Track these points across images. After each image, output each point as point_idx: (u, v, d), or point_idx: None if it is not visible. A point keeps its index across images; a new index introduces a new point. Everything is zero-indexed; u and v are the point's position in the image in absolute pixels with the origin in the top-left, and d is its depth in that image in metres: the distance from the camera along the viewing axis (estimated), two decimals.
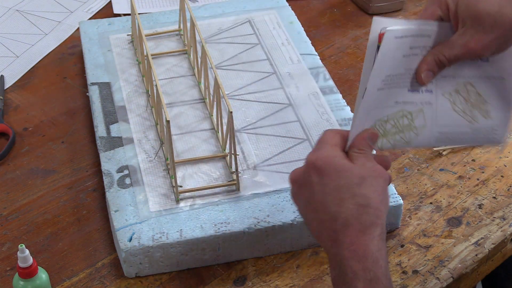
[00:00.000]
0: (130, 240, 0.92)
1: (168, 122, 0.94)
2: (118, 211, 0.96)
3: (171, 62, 1.20)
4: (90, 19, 1.40)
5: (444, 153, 1.10)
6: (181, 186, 0.98)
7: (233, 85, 1.15)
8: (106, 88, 1.15)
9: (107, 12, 1.42)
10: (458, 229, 0.99)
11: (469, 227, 0.99)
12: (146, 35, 1.21)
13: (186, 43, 1.23)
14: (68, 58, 1.31)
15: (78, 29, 1.35)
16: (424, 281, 0.92)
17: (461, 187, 1.05)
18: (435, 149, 1.10)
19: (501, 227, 0.99)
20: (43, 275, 0.87)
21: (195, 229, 0.93)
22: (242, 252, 0.95)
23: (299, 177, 0.81)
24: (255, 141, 1.06)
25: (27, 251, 0.84)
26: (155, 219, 0.94)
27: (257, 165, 1.02)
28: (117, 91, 1.14)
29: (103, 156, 1.03)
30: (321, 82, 1.16)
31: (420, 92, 0.85)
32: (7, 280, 0.93)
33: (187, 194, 0.98)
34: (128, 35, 1.26)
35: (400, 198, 0.97)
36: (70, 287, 0.93)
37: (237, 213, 0.95)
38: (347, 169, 0.78)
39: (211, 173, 1.01)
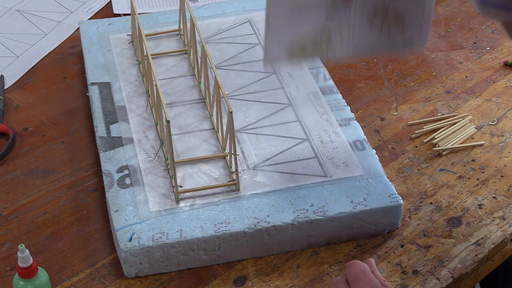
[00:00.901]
0: (130, 240, 0.92)
1: (168, 122, 0.94)
2: (118, 211, 0.96)
3: (171, 62, 1.20)
4: (90, 19, 1.40)
5: (444, 153, 1.10)
6: (181, 186, 0.98)
7: (233, 85, 1.15)
8: (106, 88, 1.15)
9: (107, 12, 1.42)
10: (458, 229, 0.99)
11: (469, 227, 0.99)
12: (146, 35, 1.21)
13: (186, 43, 1.23)
14: (68, 58, 1.31)
15: (78, 29, 1.35)
16: (424, 281, 0.92)
17: (461, 187, 1.05)
18: (435, 149, 1.10)
19: (501, 227, 0.99)
20: (43, 275, 0.87)
21: (195, 229, 0.93)
22: (242, 252, 0.95)
23: None
24: (255, 141, 1.06)
25: (27, 251, 0.84)
26: (155, 219, 0.94)
27: (257, 165, 1.02)
28: (117, 91, 1.14)
29: (103, 156, 1.04)
30: (321, 82, 1.16)
31: (339, 14, 0.95)
32: (7, 280, 0.93)
33: (187, 194, 0.98)
34: (128, 35, 1.26)
35: (400, 198, 0.97)
36: (70, 287, 0.93)
37: (237, 213, 0.95)
38: None
39: (211, 173, 1.01)
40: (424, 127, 1.14)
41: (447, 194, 1.04)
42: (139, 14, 1.21)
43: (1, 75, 1.27)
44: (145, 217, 0.95)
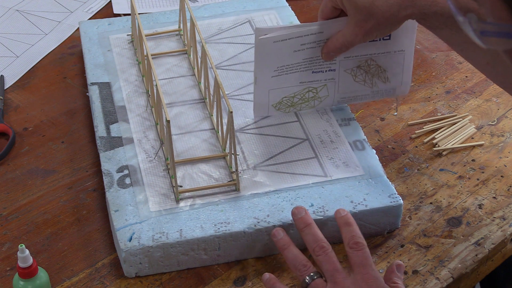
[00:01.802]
0: (130, 240, 0.92)
1: (168, 122, 0.94)
2: (118, 211, 0.96)
3: (171, 62, 1.20)
4: (90, 19, 1.40)
5: (444, 153, 1.10)
6: (181, 186, 0.98)
7: (233, 85, 1.15)
8: (106, 88, 1.15)
9: (107, 12, 1.42)
10: (458, 229, 0.99)
11: (469, 227, 0.99)
12: (146, 35, 1.21)
13: (186, 43, 1.23)
14: (68, 58, 1.31)
15: (78, 29, 1.35)
16: (424, 281, 0.92)
17: (461, 187, 1.05)
18: (435, 149, 1.10)
19: (501, 227, 0.99)
20: (43, 275, 0.87)
21: (195, 229, 0.93)
22: (242, 252, 0.95)
23: None
24: (255, 141, 1.06)
25: (27, 251, 0.84)
26: (155, 219, 0.94)
27: (257, 165, 1.02)
28: (117, 91, 1.14)
29: (103, 156, 1.03)
30: None
31: (324, 72, 1.06)
32: (7, 280, 0.93)
33: (187, 194, 0.98)
34: (128, 35, 1.26)
35: (400, 198, 0.97)
36: (70, 287, 0.93)
37: (237, 213, 0.95)
38: None
39: (211, 173, 1.01)
40: (424, 127, 1.14)
41: (447, 194, 1.04)
42: (139, 14, 1.21)
43: (1, 75, 1.27)
44: (145, 217, 0.95)
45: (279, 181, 1.00)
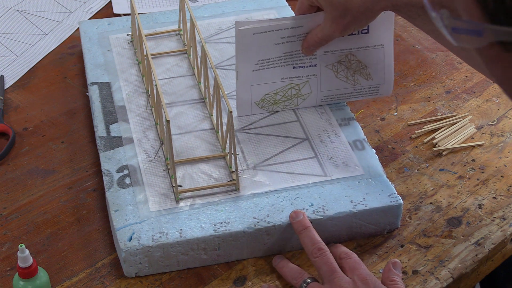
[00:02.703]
0: (130, 240, 0.92)
1: (168, 122, 0.94)
2: (118, 211, 0.96)
3: (171, 62, 1.20)
4: (90, 19, 1.40)
5: (444, 153, 1.10)
6: (181, 186, 0.98)
7: (233, 85, 1.15)
8: (106, 88, 1.15)
9: (107, 12, 1.42)
10: (458, 229, 0.99)
11: (469, 227, 0.99)
12: (146, 35, 1.21)
13: (186, 43, 1.23)
14: (68, 58, 1.31)
15: (78, 29, 1.35)
16: (424, 281, 0.92)
17: (461, 187, 1.05)
18: (435, 149, 1.10)
19: (501, 227, 0.99)
20: (43, 275, 0.87)
21: (195, 229, 0.93)
22: (242, 252, 0.95)
23: None
24: (255, 141, 1.06)
25: (27, 251, 0.84)
26: (155, 219, 0.94)
27: (256, 165, 1.02)
28: (117, 91, 1.14)
29: (103, 156, 1.03)
30: None
31: (305, 68, 1.07)
32: (7, 280, 0.93)
33: (187, 194, 0.98)
34: (128, 35, 1.26)
35: (400, 197, 0.97)
36: (70, 287, 0.93)
37: (236, 213, 0.95)
38: None
39: (211, 173, 1.01)
40: (424, 127, 1.14)
41: (447, 194, 1.04)
42: (139, 14, 1.21)
43: (1, 75, 1.27)
44: (145, 217, 0.95)
45: (279, 181, 1.00)
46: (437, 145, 1.11)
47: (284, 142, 1.05)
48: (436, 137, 1.12)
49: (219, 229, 0.93)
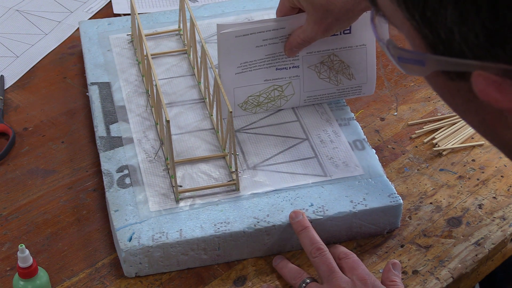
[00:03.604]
0: (130, 240, 0.92)
1: (168, 122, 0.94)
2: (118, 211, 0.96)
3: (170, 62, 1.20)
4: (90, 19, 1.40)
5: (444, 153, 1.10)
6: (181, 186, 0.98)
7: None
8: (106, 88, 1.15)
9: (107, 12, 1.42)
10: (458, 229, 0.99)
11: (469, 227, 0.99)
12: (146, 35, 1.21)
13: (186, 43, 1.23)
14: (68, 58, 1.31)
15: (78, 29, 1.35)
16: (424, 281, 0.92)
17: (461, 187, 1.05)
18: (435, 149, 1.10)
19: (501, 227, 0.99)
20: (43, 275, 0.87)
21: (195, 229, 0.93)
22: (242, 252, 0.95)
23: None
24: (255, 141, 1.06)
25: (27, 251, 0.84)
26: (155, 219, 0.94)
27: (256, 165, 1.02)
28: (117, 91, 1.14)
29: (103, 156, 1.03)
30: None
31: (287, 69, 1.07)
32: (7, 280, 0.93)
33: (187, 194, 0.98)
34: (128, 35, 1.26)
35: (400, 197, 0.97)
36: (70, 287, 0.93)
37: (236, 213, 0.95)
38: None
39: (211, 173, 1.01)
40: (424, 127, 1.14)
41: (447, 194, 1.04)
42: (139, 14, 1.21)
43: (1, 75, 1.27)
44: (145, 217, 0.95)
45: (279, 181, 1.00)
46: (437, 145, 1.11)
47: (284, 142, 1.05)
48: (436, 137, 1.12)
49: (219, 229, 0.93)
